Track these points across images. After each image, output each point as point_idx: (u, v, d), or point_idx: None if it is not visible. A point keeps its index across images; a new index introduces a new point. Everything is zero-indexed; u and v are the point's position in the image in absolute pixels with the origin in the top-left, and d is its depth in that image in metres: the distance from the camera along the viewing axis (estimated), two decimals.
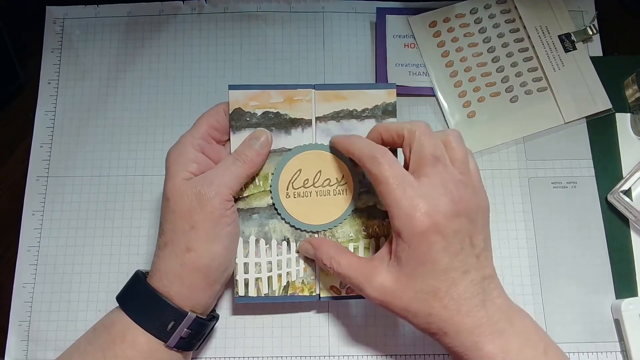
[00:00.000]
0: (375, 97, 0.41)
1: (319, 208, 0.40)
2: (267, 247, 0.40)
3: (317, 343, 0.43)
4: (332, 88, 0.41)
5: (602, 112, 0.48)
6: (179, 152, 0.38)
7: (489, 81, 0.49)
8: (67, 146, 0.48)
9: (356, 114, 0.41)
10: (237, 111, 0.40)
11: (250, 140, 0.40)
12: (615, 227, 0.46)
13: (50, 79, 0.50)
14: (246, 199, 0.40)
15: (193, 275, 0.37)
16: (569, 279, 0.45)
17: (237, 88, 0.40)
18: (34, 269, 0.45)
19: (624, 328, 0.42)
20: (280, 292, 0.40)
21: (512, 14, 0.50)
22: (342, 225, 0.41)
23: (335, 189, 0.40)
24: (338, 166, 0.40)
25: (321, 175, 0.40)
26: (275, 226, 0.41)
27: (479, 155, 0.48)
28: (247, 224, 0.40)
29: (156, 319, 0.36)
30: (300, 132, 0.41)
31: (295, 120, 0.41)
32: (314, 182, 0.40)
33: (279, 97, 0.40)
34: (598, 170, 0.47)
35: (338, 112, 0.41)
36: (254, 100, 0.40)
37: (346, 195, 0.40)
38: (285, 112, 0.40)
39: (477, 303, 0.33)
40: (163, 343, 0.36)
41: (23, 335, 0.44)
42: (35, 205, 0.47)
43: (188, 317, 0.36)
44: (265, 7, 0.51)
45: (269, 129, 0.40)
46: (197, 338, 0.39)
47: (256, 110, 0.40)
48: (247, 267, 0.40)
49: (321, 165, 0.40)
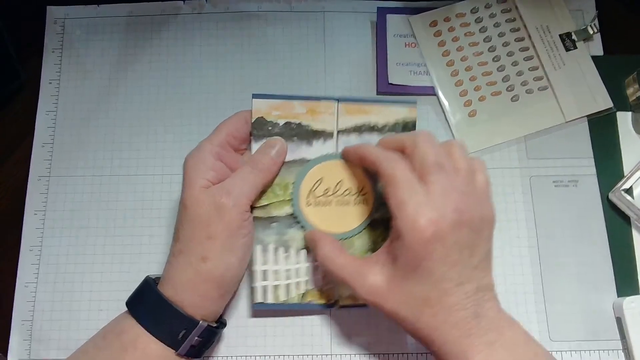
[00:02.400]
0: (396, 113, 0.41)
1: (339, 217, 0.40)
2: (286, 256, 0.41)
3: (317, 342, 0.43)
4: (355, 101, 0.41)
5: (603, 111, 0.48)
6: (198, 159, 0.38)
7: (490, 80, 0.49)
8: (68, 146, 0.48)
9: (377, 128, 0.41)
10: (259, 120, 0.40)
11: (265, 149, 0.39)
12: (617, 225, 0.46)
13: (51, 78, 0.50)
14: (265, 208, 0.40)
15: (207, 285, 0.37)
16: (570, 277, 0.45)
17: (261, 97, 0.40)
18: (36, 269, 0.45)
19: (625, 326, 0.42)
20: (299, 299, 0.40)
21: (512, 13, 0.50)
22: (360, 236, 0.41)
23: (356, 199, 0.41)
24: (358, 177, 0.41)
25: (342, 185, 0.41)
26: (294, 235, 0.41)
27: (480, 154, 0.48)
28: (266, 233, 0.40)
29: (168, 327, 0.36)
30: (321, 144, 0.41)
31: (317, 132, 0.41)
32: (335, 191, 0.40)
33: (302, 108, 0.41)
34: (599, 169, 0.47)
35: (360, 126, 0.41)
36: (276, 110, 0.40)
37: (366, 206, 0.41)
38: (308, 123, 0.41)
39: (468, 315, 0.33)
40: (174, 351, 0.36)
41: (26, 335, 0.44)
42: (37, 205, 0.47)
43: (199, 326, 0.36)
44: (265, 7, 0.51)
45: (291, 139, 0.40)
46: (206, 346, 0.39)
47: (278, 120, 0.40)
48: (265, 274, 0.40)
49: (342, 175, 0.41)
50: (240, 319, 0.44)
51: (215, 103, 0.49)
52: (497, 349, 0.33)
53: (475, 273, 0.34)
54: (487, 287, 0.34)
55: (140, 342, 0.36)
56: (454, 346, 0.33)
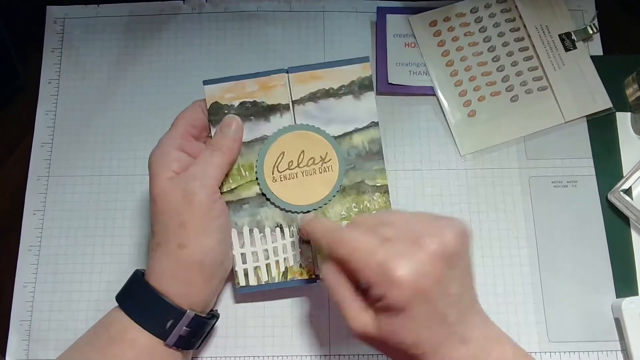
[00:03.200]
0: (350, 73, 0.41)
1: (307, 188, 0.40)
2: (262, 236, 0.41)
3: (317, 343, 0.43)
4: (306, 69, 0.41)
5: (603, 111, 0.48)
6: (160, 153, 0.38)
7: (490, 80, 0.49)
8: (67, 146, 0.48)
9: (333, 92, 0.41)
10: (214, 105, 0.40)
11: (222, 129, 0.40)
12: (616, 226, 0.46)
13: (51, 78, 0.50)
14: (234, 191, 0.40)
15: (188, 271, 0.37)
16: (569, 278, 0.45)
17: (212, 82, 0.41)
18: (34, 269, 0.45)
19: (624, 327, 0.42)
20: (280, 278, 0.41)
21: (512, 13, 0.50)
22: (332, 204, 0.40)
23: (321, 167, 0.40)
24: (321, 144, 0.40)
25: (304, 155, 0.40)
26: (266, 214, 0.41)
27: (479, 154, 0.48)
28: (239, 215, 0.40)
29: (155, 317, 0.36)
30: (279, 118, 0.41)
31: (272, 106, 0.41)
32: (299, 162, 0.40)
33: (254, 85, 0.41)
34: (598, 169, 0.47)
35: (315, 93, 0.41)
36: (229, 93, 0.41)
37: (332, 172, 0.40)
38: (262, 99, 0.41)
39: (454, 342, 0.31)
40: (162, 342, 0.36)
41: (24, 335, 0.44)
42: (36, 205, 0.47)
43: (187, 315, 0.37)
44: (265, 7, 0.51)
45: (248, 119, 0.41)
46: (197, 337, 0.39)
47: (233, 102, 0.41)
48: (244, 257, 0.41)
49: (303, 145, 0.40)
50: (239, 319, 0.44)
51: None
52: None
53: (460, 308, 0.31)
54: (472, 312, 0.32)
55: (128, 333, 0.36)
56: None
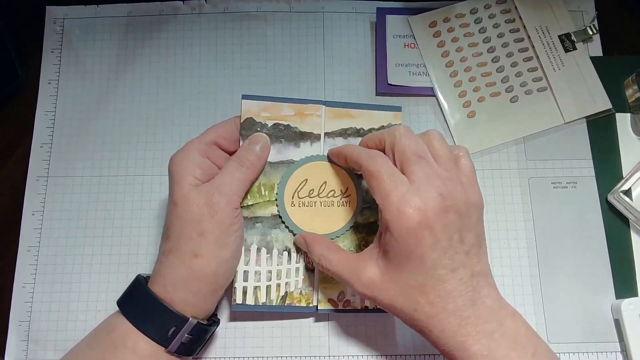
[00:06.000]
0: (381, 118, 0.42)
1: (323, 218, 0.41)
2: (268, 257, 0.41)
3: (317, 343, 0.43)
4: (342, 106, 0.42)
5: (602, 112, 0.48)
6: (183, 157, 0.38)
7: (489, 81, 0.49)
8: (67, 146, 0.48)
9: (363, 132, 0.42)
10: (248, 120, 0.41)
11: (249, 145, 0.40)
12: (615, 227, 0.46)
13: (50, 79, 0.50)
14: (251, 208, 0.40)
15: (199, 282, 0.37)
16: (569, 279, 0.45)
17: (251, 98, 0.41)
18: (33, 269, 0.45)
19: (624, 328, 0.42)
20: (278, 301, 0.40)
21: (512, 14, 0.50)
22: (343, 238, 0.41)
23: (339, 200, 0.41)
24: (343, 179, 0.41)
25: (326, 186, 0.41)
26: (277, 236, 0.41)
27: (479, 155, 0.48)
28: (249, 232, 0.40)
29: (157, 324, 0.36)
30: (308, 146, 0.41)
31: (304, 133, 0.41)
32: (319, 192, 0.41)
33: (290, 110, 0.41)
34: (598, 170, 0.47)
35: (346, 130, 0.42)
36: (265, 112, 0.41)
37: (349, 208, 0.41)
38: (296, 125, 0.41)
39: (465, 302, 0.33)
40: (164, 349, 0.36)
41: (23, 336, 0.44)
42: (35, 206, 0.47)
43: (189, 322, 0.36)
44: (265, 7, 0.51)
45: (279, 141, 0.41)
46: (198, 343, 0.38)
47: (267, 121, 0.41)
48: (246, 275, 0.40)
49: (327, 176, 0.41)
50: (238, 320, 0.44)
51: (214, 103, 0.49)
52: (497, 339, 0.32)
53: (468, 259, 0.34)
54: (482, 273, 0.34)
55: (130, 339, 0.36)
56: (452, 335, 0.33)
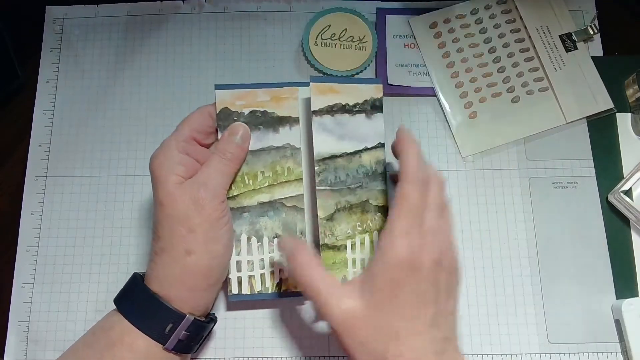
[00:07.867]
0: (364, 92, 0.42)
1: (341, 58, 0.48)
2: (259, 245, 0.41)
3: (317, 343, 0.43)
4: (326, 81, 0.41)
5: (604, 112, 0.48)
6: (164, 156, 0.38)
7: (491, 82, 0.49)
8: (66, 146, 0.48)
9: (348, 108, 0.41)
10: (224, 111, 0.40)
11: (229, 136, 0.40)
12: (616, 227, 0.46)
13: (50, 78, 0.50)
14: (236, 198, 0.40)
15: (194, 278, 0.37)
16: (569, 279, 0.45)
17: (224, 88, 0.41)
18: (33, 269, 0.45)
19: (624, 328, 0.42)
20: (274, 289, 0.40)
21: (512, 14, 0.50)
22: (339, 222, 0.40)
23: (357, 45, 0.49)
24: (360, 27, 0.49)
25: (346, 33, 0.49)
26: (266, 224, 0.41)
27: (480, 156, 0.48)
28: (238, 223, 0.40)
29: (154, 321, 0.36)
30: (288, 130, 0.41)
31: (282, 118, 0.41)
32: (340, 36, 0.49)
33: (266, 95, 0.41)
34: (598, 170, 0.47)
35: (332, 106, 0.41)
36: (240, 100, 0.41)
37: (365, 52, 0.48)
38: (273, 110, 0.41)
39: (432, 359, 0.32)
40: (161, 346, 0.36)
41: (22, 336, 0.44)
42: (34, 205, 0.46)
43: (186, 319, 0.36)
44: (265, 7, 0.51)
45: (257, 128, 0.41)
46: (196, 340, 0.38)
47: (243, 109, 0.41)
48: (239, 265, 0.40)
49: (347, 25, 0.49)
50: (238, 320, 0.44)
51: None
52: None
53: (447, 322, 0.33)
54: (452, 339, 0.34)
55: (127, 337, 0.36)
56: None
